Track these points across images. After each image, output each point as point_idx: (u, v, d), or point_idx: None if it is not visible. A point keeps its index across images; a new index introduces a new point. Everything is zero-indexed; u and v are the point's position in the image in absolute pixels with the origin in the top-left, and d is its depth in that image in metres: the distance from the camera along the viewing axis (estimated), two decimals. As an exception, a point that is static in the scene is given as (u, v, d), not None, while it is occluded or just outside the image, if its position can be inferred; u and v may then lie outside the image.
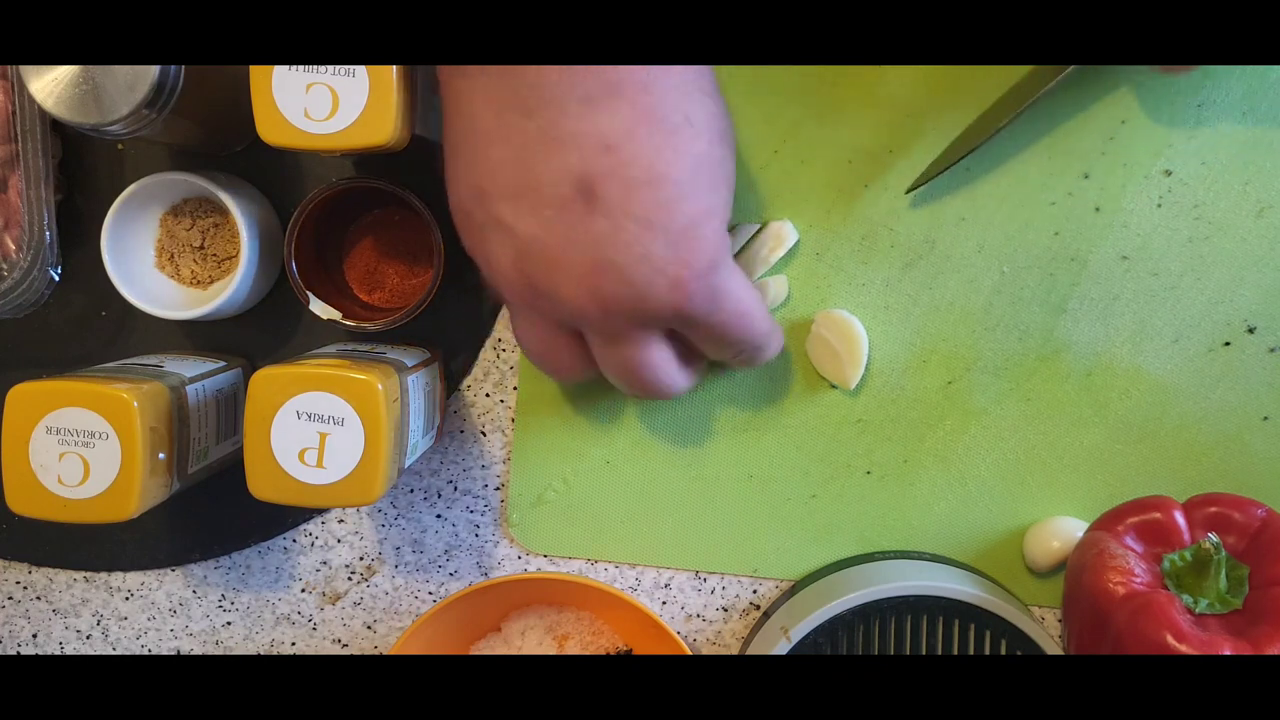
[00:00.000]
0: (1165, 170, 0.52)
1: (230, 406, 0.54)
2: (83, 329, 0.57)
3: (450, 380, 0.57)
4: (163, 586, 0.60)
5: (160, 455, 0.47)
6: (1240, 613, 0.49)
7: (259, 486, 0.46)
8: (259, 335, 0.57)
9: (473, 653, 0.57)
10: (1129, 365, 0.54)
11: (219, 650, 0.60)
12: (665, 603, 0.58)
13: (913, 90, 0.53)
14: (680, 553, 0.57)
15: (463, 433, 0.57)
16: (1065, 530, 0.54)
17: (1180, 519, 0.50)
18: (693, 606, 0.58)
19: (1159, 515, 0.50)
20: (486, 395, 0.57)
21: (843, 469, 0.55)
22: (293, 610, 0.59)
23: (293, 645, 0.60)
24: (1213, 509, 0.50)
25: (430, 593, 0.59)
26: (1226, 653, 0.46)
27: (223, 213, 0.54)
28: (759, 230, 0.54)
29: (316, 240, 0.54)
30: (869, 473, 0.55)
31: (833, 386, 0.55)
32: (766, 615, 0.56)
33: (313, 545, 0.59)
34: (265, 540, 0.59)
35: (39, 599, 0.60)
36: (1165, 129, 0.52)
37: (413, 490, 0.58)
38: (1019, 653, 0.51)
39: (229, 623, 0.59)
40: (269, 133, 0.46)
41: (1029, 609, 0.55)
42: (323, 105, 0.45)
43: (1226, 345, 0.53)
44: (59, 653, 0.60)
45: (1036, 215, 0.53)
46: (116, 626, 0.60)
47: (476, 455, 0.58)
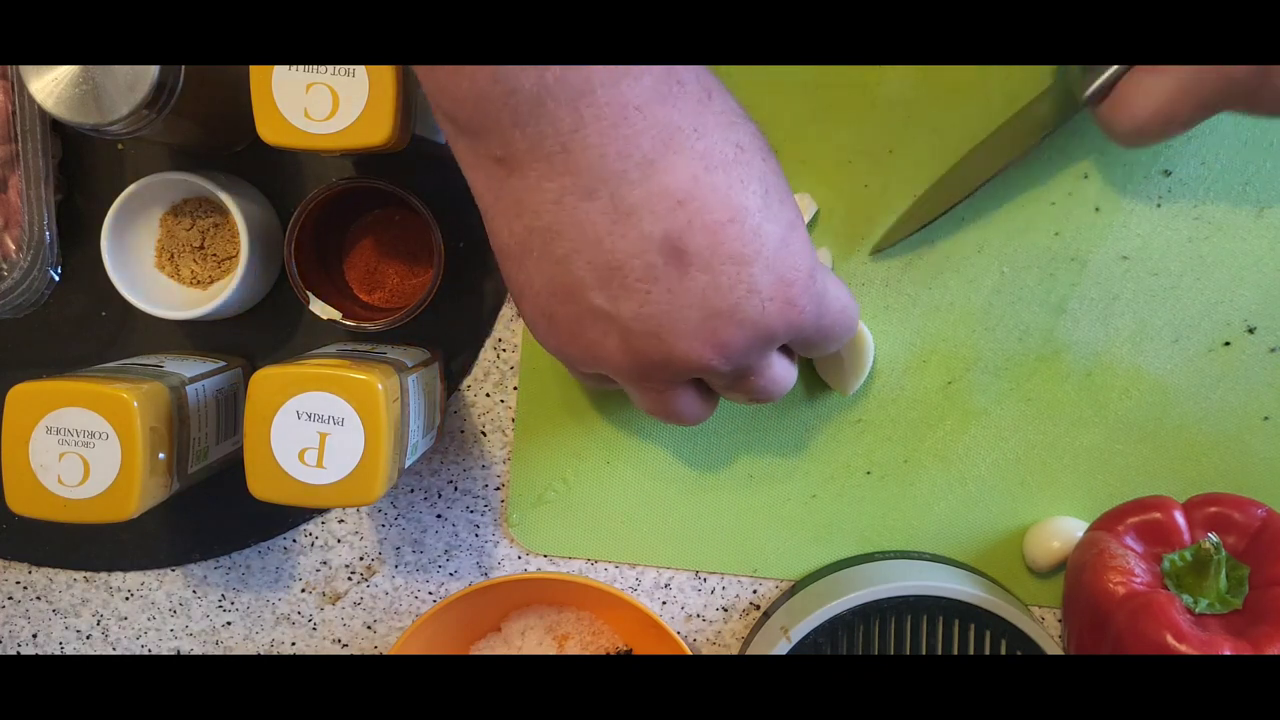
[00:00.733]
0: (1165, 170, 0.52)
1: (230, 406, 0.54)
2: (83, 329, 0.57)
3: (450, 380, 0.57)
4: (163, 586, 0.60)
5: (160, 455, 0.47)
6: (1240, 613, 0.49)
7: (259, 486, 0.46)
8: (259, 335, 0.57)
9: (473, 653, 0.57)
10: (1129, 365, 0.54)
11: (219, 650, 0.60)
12: (665, 603, 0.58)
13: (913, 90, 0.53)
14: (680, 553, 0.57)
15: (463, 433, 0.57)
16: (1065, 530, 0.54)
17: (1180, 519, 0.50)
18: (693, 606, 0.58)
19: (1159, 515, 0.50)
20: (486, 395, 0.57)
21: (843, 469, 0.55)
22: (293, 610, 0.59)
23: (293, 645, 0.60)
24: (1213, 509, 0.50)
25: (430, 593, 0.59)
26: (1226, 653, 0.46)
27: (223, 213, 0.54)
28: None
29: (316, 240, 0.54)
30: (869, 473, 0.55)
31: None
32: (766, 615, 0.56)
33: (313, 545, 0.59)
34: (265, 540, 0.59)
35: (39, 599, 0.60)
36: (1165, 129, 0.52)
37: (413, 490, 0.58)
38: (1019, 653, 0.51)
39: (229, 623, 0.60)
40: (269, 133, 0.46)
41: (1029, 609, 0.55)
42: (323, 105, 0.46)
43: (1226, 345, 0.53)
44: (59, 653, 0.60)
45: (1036, 215, 0.53)
46: (116, 626, 0.60)
47: (476, 455, 0.58)
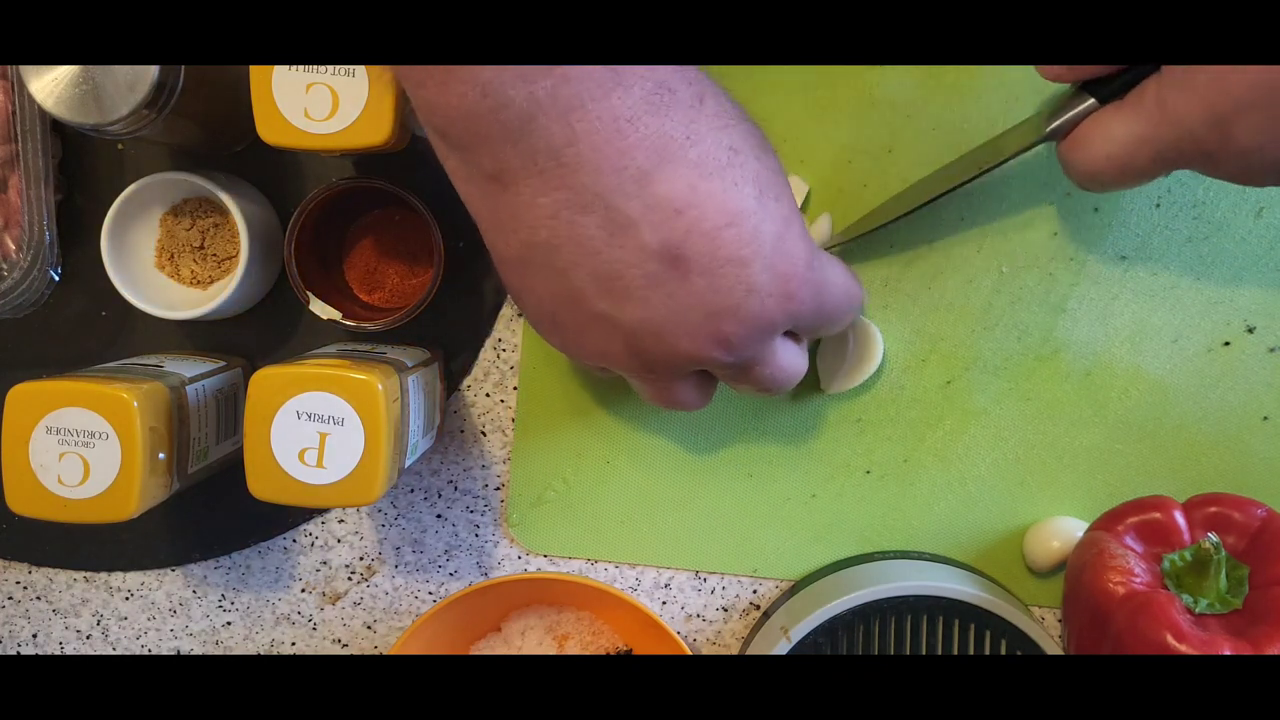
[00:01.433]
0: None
1: (230, 406, 0.54)
2: (83, 329, 0.57)
3: (450, 380, 0.57)
4: (163, 586, 0.60)
5: (160, 455, 0.47)
6: (1240, 613, 0.49)
7: (259, 486, 0.46)
8: (259, 335, 0.57)
9: (473, 653, 0.57)
10: (1128, 365, 0.54)
11: (219, 650, 0.60)
12: (665, 603, 0.58)
13: (913, 90, 0.53)
14: (680, 553, 0.57)
15: (463, 433, 0.57)
16: (1065, 530, 0.54)
17: (1180, 519, 0.50)
18: (693, 606, 0.58)
19: (1159, 515, 0.50)
20: (486, 395, 0.57)
21: (842, 468, 0.56)
22: (293, 610, 0.59)
23: (293, 645, 0.60)
24: (1213, 509, 0.50)
25: (430, 593, 0.59)
26: (1226, 653, 0.46)
27: (223, 213, 0.54)
28: None
29: (316, 240, 0.54)
30: (869, 472, 0.55)
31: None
32: (766, 615, 0.56)
33: (313, 545, 0.59)
34: (265, 540, 0.59)
35: (39, 599, 0.60)
36: (1165, 129, 0.52)
37: (413, 490, 0.58)
38: (1019, 653, 0.51)
39: (229, 623, 0.60)
40: (269, 133, 0.46)
41: (1029, 609, 0.55)
42: (323, 105, 0.46)
43: (1226, 345, 0.53)
44: (59, 653, 0.60)
45: (1036, 215, 0.53)
46: (116, 626, 0.60)
47: (476, 455, 0.58)
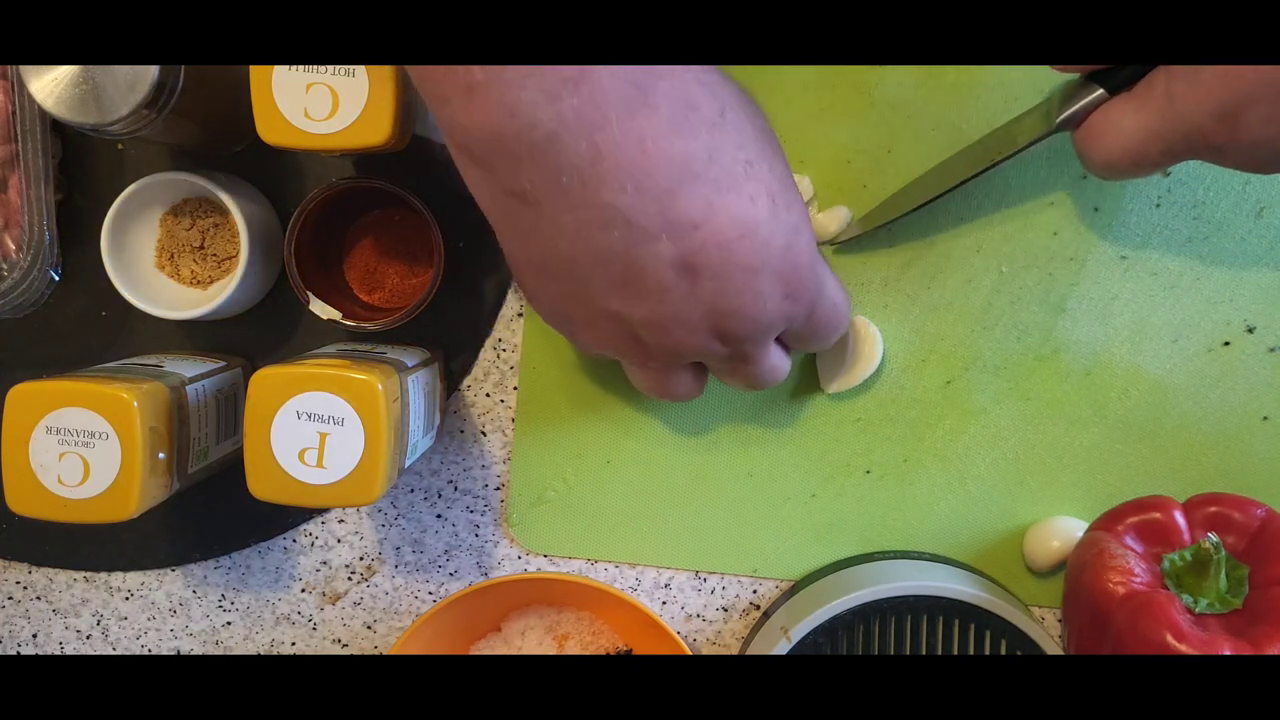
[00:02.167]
0: (1164, 170, 0.52)
1: (230, 406, 0.54)
2: (83, 329, 0.57)
3: (450, 380, 0.57)
4: (163, 586, 0.60)
5: (160, 455, 0.47)
6: (1240, 613, 0.49)
7: (259, 486, 0.46)
8: (259, 335, 0.57)
9: (473, 653, 0.57)
10: (1128, 365, 0.54)
11: (219, 650, 0.60)
12: (665, 603, 0.58)
13: (913, 90, 0.53)
14: (680, 553, 0.57)
15: (463, 433, 0.57)
16: (1065, 530, 0.54)
17: (1180, 519, 0.50)
18: (693, 606, 0.58)
19: (1159, 515, 0.50)
20: (486, 395, 0.57)
21: (842, 468, 0.55)
22: (293, 610, 0.59)
23: (293, 645, 0.60)
24: (1213, 509, 0.50)
25: (430, 593, 0.59)
26: (1226, 653, 0.46)
27: (223, 213, 0.54)
28: None
29: (316, 240, 0.54)
30: (869, 472, 0.55)
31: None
32: (766, 615, 0.56)
33: (313, 545, 0.59)
34: (265, 540, 0.59)
35: (39, 599, 0.60)
36: (1165, 129, 0.52)
37: (413, 490, 0.58)
38: (1019, 653, 0.51)
39: (229, 623, 0.60)
40: (269, 133, 0.46)
41: (1029, 609, 0.55)
42: (323, 105, 0.46)
43: (1226, 345, 0.53)
44: (59, 653, 0.60)
45: (1036, 215, 0.53)
46: (116, 626, 0.60)
47: (476, 455, 0.58)
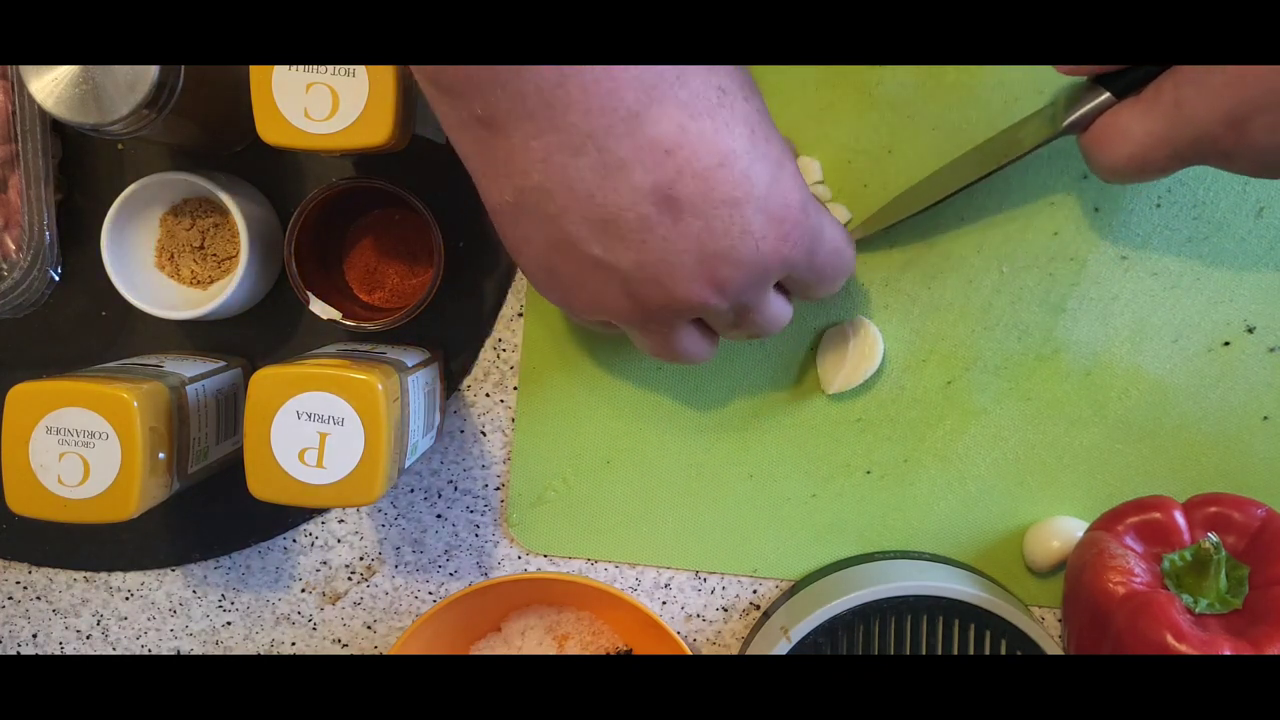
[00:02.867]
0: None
1: (230, 406, 0.54)
2: (83, 329, 0.57)
3: (450, 380, 0.57)
4: (163, 586, 0.60)
5: (160, 455, 0.47)
6: (1240, 613, 0.49)
7: (259, 486, 0.46)
8: (259, 335, 0.57)
9: (473, 653, 0.57)
10: (1128, 365, 0.54)
11: (219, 650, 0.60)
12: (665, 603, 0.58)
13: (913, 90, 0.53)
14: (680, 553, 0.57)
15: (463, 433, 0.57)
16: (1065, 530, 0.54)
17: (1180, 519, 0.50)
18: (693, 606, 0.58)
19: (1159, 515, 0.50)
20: (486, 395, 0.57)
21: (842, 469, 0.55)
22: (293, 610, 0.59)
23: (293, 645, 0.60)
24: (1213, 509, 0.50)
25: (430, 593, 0.59)
26: (1226, 653, 0.46)
27: (223, 213, 0.54)
28: None
29: (316, 240, 0.54)
30: (869, 472, 0.55)
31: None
32: (766, 615, 0.56)
33: (313, 545, 0.59)
34: (265, 540, 0.59)
35: (39, 599, 0.60)
36: (1165, 129, 0.52)
37: (413, 490, 0.58)
38: (1019, 653, 0.51)
39: (229, 623, 0.60)
40: (269, 133, 0.46)
41: (1029, 609, 0.55)
42: (323, 105, 0.46)
43: (1226, 345, 0.53)
44: (59, 653, 0.60)
45: (1036, 215, 0.53)
46: (116, 626, 0.60)
47: (476, 455, 0.58)
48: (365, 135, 0.46)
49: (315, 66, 0.45)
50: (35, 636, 0.60)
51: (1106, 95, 0.45)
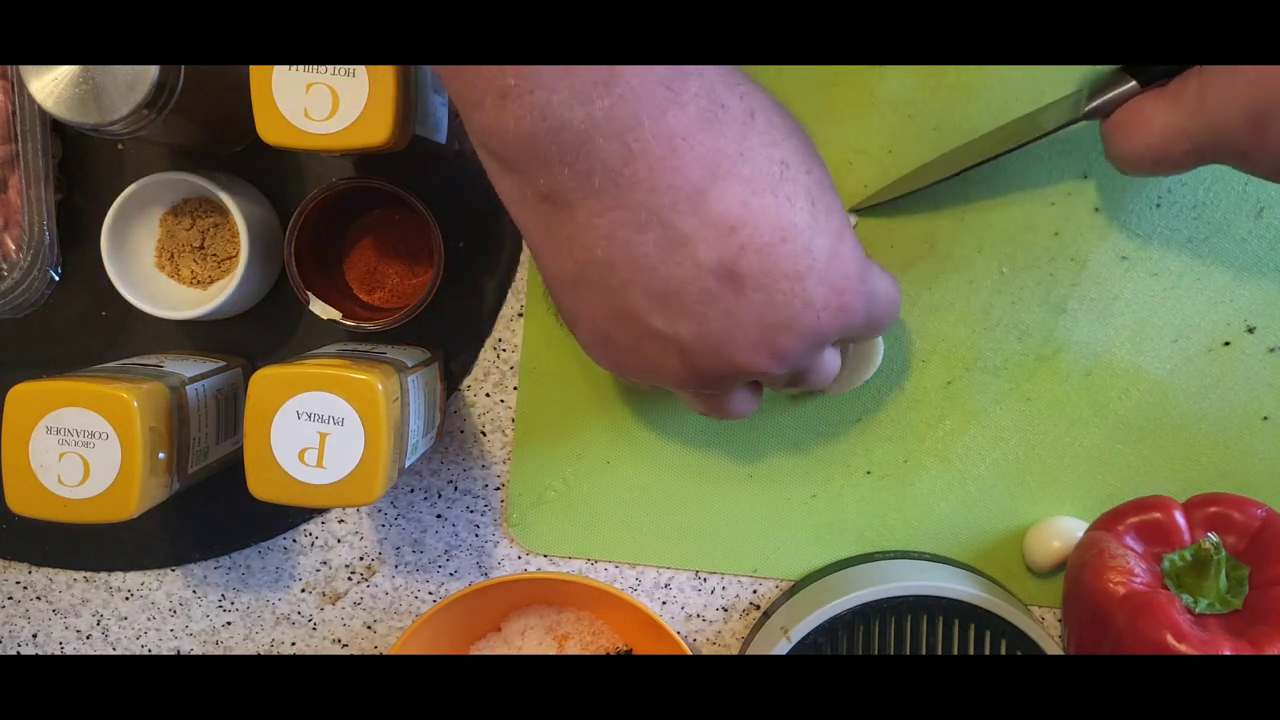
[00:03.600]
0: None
1: (230, 406, 0.54)
2: (83, 329, 0.57)
3: (450, 380, 0.57)
4: (163, 586, 0.60)
5: (160, 455, 0.47)
6: (1240, 613, 0.49)
7: (259, 486, 0.46)
8: (259, 335, 0.57)
9: (473, 653, 0.57)
10: (1128, 365, 0.54)
11: (219, 650, 0.60)
12: (665, 603, 0.58)
13: (913, 90, 0.53)
14: (680, 553, 0.57)
15: (463, 433, 0.57)
16: (1065, 530, 0.54)
17: (1180, 519, 0.50)
18: (693, 606, 0.58)
19: (1159, 515, 0.50)
20: (486, 395, 0.57)
21: (842, 469, 0.56)
22: (293, 610, 0.59)
23: (293, 645, 0.60)
24: (1213, 509, 0.50)
25: (430, 593, 0.59)
26: (1226, 653, 0.46)
27: (223, 213, 0.54)
28: None
29: (316, 240, 0.54)
30: (869, 472, 0.55)
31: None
32: (766, 615, 0.56)
33: (313, 545, 0.59)
34: (265, 540, 0.59)
35: (39, 599, 0.60)
36: (1165, 129, 0.52)
37: (413, 490, 0.58)
38: (1019, 653, 0.51)
39: (229, 623, 0.60)
40: (269, 133, 0.46)
41: (1029, 609, 0.55)
42: (323, 105, 0.45)
43: (1226, 345, 0.53)
44: (59, 653, 0.60)
45: (1036, 215, 0.53)
46: (116, 626, 0.60)
47: (476, 455, 0.58)
48: (365, 135, 0.46)
49: (315, 66, 0.45)
50: (35, 636, 0.60)
51: (1132, 84, 0.45)
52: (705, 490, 0.56)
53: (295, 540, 0.59)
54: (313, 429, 0.45)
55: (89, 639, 0.60)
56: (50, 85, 0.45)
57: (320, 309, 0.52)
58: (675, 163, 0.39)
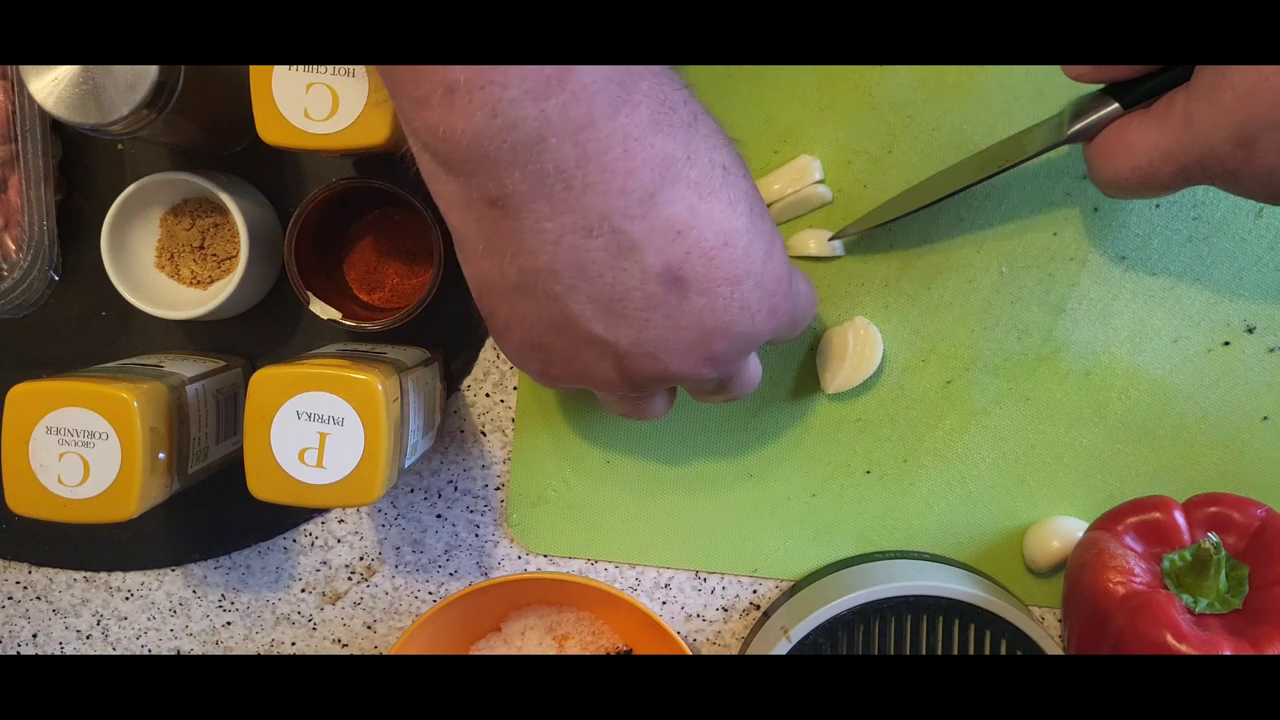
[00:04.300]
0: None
1: (230, 406, 0.54)
2: (83, 329, 0.57)
3: (450, 380, 0.57)
4: (163, 586, 0.60)
5: (160, 455, 0.47)
6: (1240, 613, 0.49)
7: (259, 486, 0.46)
8: (259, 335, 0.57)
9: (473, 653, 0.57)
10: (1128, 365, 0.54)
11: (219, 650, 0.60)
12: (665, 603, 0.58)
13: (913, 90, 0.53)
14: (680, 553, 0.57)
15: (463, 433, 0.57)
16: (1065, 530, 0.54)
17: (1180, 519, 0.50)
18: (693, 606, 0.58)
19: (1159, 515, 0.50)
20: (486, 395, 0.57)
21: (842, 468, 0.56)
22: (293, 610, 0.59)
23: (293, 645, 0.60)
24: (1213, 509, 0.50)
25: (430, 593, 0.59)
26: (1226, 653, 0.46)
27: (223, 213, 0.54)
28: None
29: (316, 240, 0.54)
30: (869, 472, 0.55)
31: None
32: (766, 615, 0.56)
33: (313, 545, 0.59)
34: (265, 540, 0.59)
35: (39, 599, 0.60)
36: (1165, 129, 0.52)
37: (413, 490, 0.58)
38: (1019, 653, 0.51)
39: (229, 623, 0.60)
40: (269, 133, 0.46)
41: (1029, 609, 0.55)
42: (323, 105, 0.46)
43: (1226, 345, 0.53)
44: (59, 653, 0.60)
45: (1036, 215, 0.53)
46: (116, 626, 0.60)
47: (476, 455, 0.58)
48: (365, 135, 0.46)
49: (315, 66, 0.45)
50: (35, 636, 0.60)
51: (1115, 106, 0.44)
52: (705, 490, 0.56)
53: (295, 540, 0.59)
54: (313, 429, 0.45)
55: (89, 639, 0.60)
56: (50, 85, 0.45)
57: (320, 309, 0.52)
58: (628, 165, 0.38)
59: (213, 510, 0.58)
